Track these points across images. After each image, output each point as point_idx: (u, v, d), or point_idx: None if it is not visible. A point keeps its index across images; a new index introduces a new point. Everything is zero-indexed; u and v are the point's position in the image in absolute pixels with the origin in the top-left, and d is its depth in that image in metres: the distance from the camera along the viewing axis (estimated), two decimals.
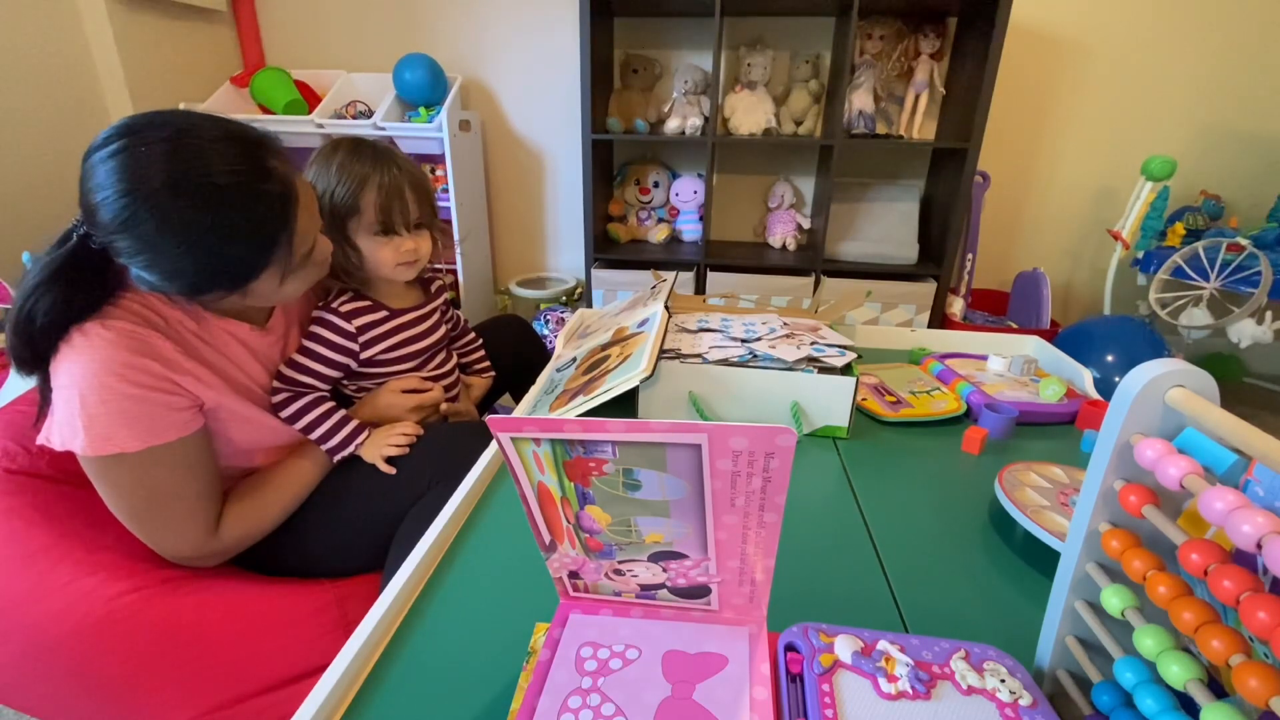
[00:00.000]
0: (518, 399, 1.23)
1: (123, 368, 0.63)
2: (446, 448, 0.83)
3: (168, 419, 0.67)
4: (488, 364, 1.14)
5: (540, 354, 1.25)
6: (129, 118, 0.64)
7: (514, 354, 1.21)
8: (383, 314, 0.89)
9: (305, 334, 0.84)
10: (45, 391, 0.64)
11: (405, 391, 0.91)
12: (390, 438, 0.82)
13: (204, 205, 0.60)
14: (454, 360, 1.03)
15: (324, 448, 0.82)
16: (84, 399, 0.61)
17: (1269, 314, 1.62)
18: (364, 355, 0.88)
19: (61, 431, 0.63)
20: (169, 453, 0.67)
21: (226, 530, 0.74)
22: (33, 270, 0.63)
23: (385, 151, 0.85)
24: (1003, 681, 0.36)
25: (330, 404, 0.84)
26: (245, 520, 0.75)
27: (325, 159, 0.82)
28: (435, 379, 0.96)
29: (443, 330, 0.99)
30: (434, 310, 0.97)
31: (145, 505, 0.68)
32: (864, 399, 0.85)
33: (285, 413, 0.80)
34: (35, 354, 0.63)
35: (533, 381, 0.91)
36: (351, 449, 0.82)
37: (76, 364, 0.62)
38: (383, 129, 1.92)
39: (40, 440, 0.65)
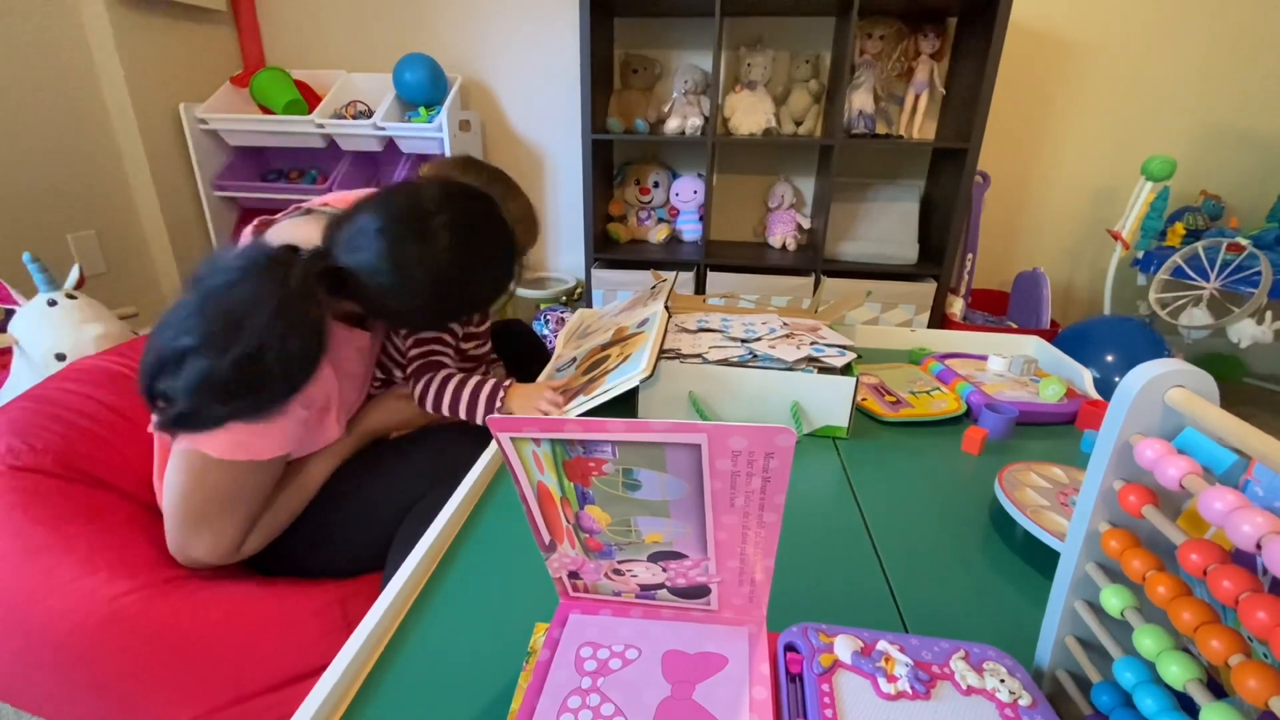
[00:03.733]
0: None
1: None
2: (446, 448, 0.83)
3: (290, 432, 0.68)
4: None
5: (540, 354, 1.25)
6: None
7: (514, 354, 1.21)
8: None
9: None
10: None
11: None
12: (540, 402, 0.81)
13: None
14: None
15: (477, 416, 0.83)
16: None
17: (1269, 314, 1.62)
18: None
19: (197, 435, 0.62)
20: (264, 466, 0.68)
21: (249, 542, 0.74)
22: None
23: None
24: (1002, 681, 0.36)
25: (461, 375, 0.86)
26: (263, 529, 0.75)
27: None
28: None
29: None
30: None
31: (203, 504, 0.68)
32: (864, 399, 0.85)
33: (430, 398, 0.83)
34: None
35: (532, 382, 0.91)
36: (499, 401, 0.83)
37: None
38: (383, 129, 1.92)
39: (178, 446, 0.64)
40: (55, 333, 1.24)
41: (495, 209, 0.71)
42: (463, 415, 0.84)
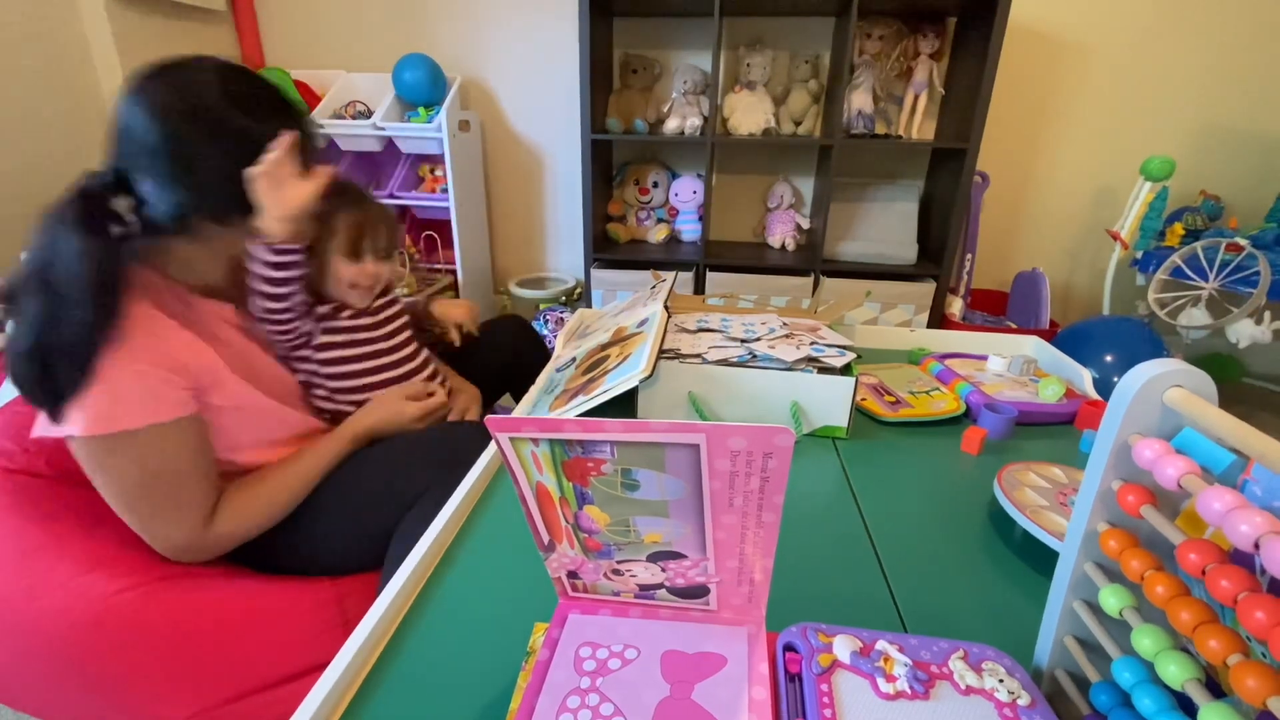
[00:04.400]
0: (517, 399, 1.23)
1: (127, 347, 0.63)
2: (446, 448, 0.83)
3: (167, 397, 0.67)
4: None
5: (540, 354, 1.25)
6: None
7: (514, 354, 1.21)
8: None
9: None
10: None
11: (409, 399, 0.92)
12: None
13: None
14: (424, 355, 1.03)
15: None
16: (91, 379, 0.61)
17: (1268, 314, 1.62)
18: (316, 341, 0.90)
19: (69, 417, 0.62)
20: (167, 432, 0.67)
21: (221, 522, 0.73)
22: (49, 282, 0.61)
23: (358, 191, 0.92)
24: (1001, 681, 0.36)
25: None
26: (241, 514, 0.75)
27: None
28: (409, 373, 0.98)
29: (398, 324, 0.99)
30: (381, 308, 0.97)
31: (141, 490, 0.67)
32: (863, 399, 0.85)
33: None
34: (71, 373, 0.61)
35: (532, 381, 0.91)
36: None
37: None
38: (382, 129, 1.92)
39: (37, 432, 0.64)
40: None
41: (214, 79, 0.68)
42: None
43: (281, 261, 0.76)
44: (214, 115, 0.66)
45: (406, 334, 1.00)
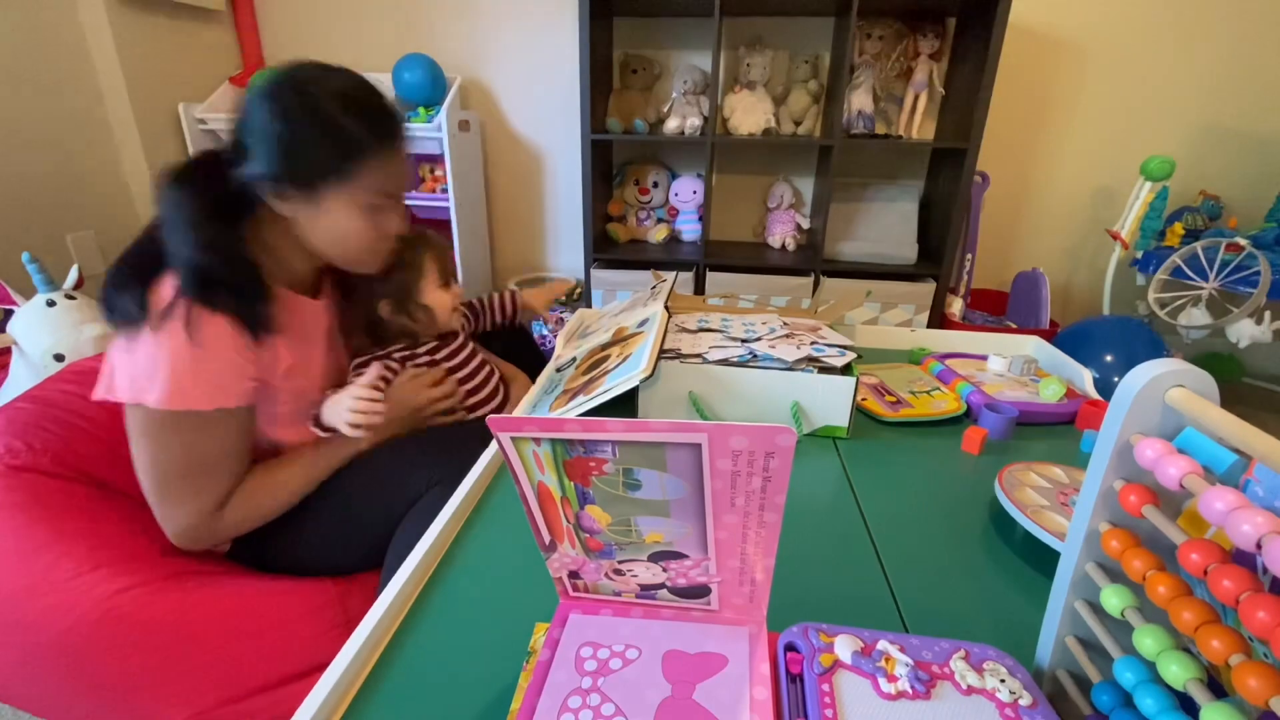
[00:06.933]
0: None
1: (209, 328, 0.66)
2: (446, 448, 0.83)
3: (236, 385, 0.69)
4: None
5: (537, 356, 1.25)
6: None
7: (515, 353, 1.21)
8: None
9: None
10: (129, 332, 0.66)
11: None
12: (344, 412, 0.78)
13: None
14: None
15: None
16: (171, 353, 0.64)
17: (1268, 314, 1.62)
18: None
19: (136, 383, 0.64)
20: (228, 419, 0.70)
21: (230, 509, 0.74)
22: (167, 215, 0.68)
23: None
24: (1002, 681, 0.36)
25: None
26: (248, 502, 0.75)
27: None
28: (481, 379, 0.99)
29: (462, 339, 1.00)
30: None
31: (182, 469, 0.69)
32: (864, 399, 0.85)
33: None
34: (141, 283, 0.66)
35: (533, 382, 0.91)
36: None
37: (166, 322, 0.64)
38: None
39: (101, 394, 0.67)
40: (54, 333, 1.24)
41: (324, 78, 0.72)
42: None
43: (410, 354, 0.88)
44: (314, 101, 0.69)
45: (468, 342, 1.02)
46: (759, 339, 0.84)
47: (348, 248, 0.77)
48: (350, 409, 0.76)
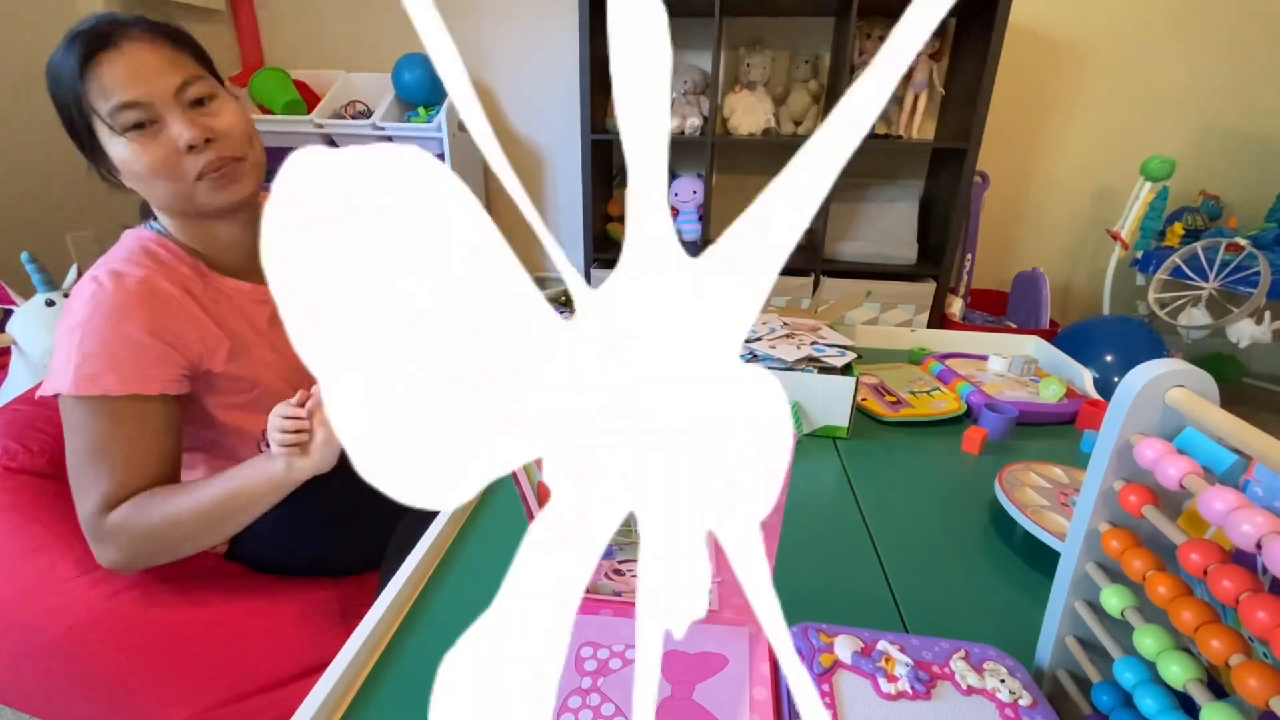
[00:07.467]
0: None
1: (131, 310, 0.64)
2: None
3: (158, 372, 0.65)
4: None
5: None
6: None
7: None
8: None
9: None
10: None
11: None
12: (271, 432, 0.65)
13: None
14: None
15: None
16: (83, 339, 0.62)
17: (1268, 314, 1.62)
18: None
19: (54, 374, 0.63)
20: (143, 408, 0.65)
21: (119, 512, 0.63)
22: None
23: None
24: (1002, 681, 0.36)
25: None
26: (143, 514, 0.63)
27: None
28: None
29: None
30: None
31: (81, 458, 0.64)
32: (864, 399, 0.85)
33: None
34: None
35: None
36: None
37: (88, 306, 0.63)
38: (382, 129, 1.92)
39: (39, 394, 0.65)
40: (53, 333, 1.24)
41: None
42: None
43: None
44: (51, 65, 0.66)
45: None
46: (759, 339, 0.84)
47: (155, 184, 0.67)
48: (276, 428, 0.64)
